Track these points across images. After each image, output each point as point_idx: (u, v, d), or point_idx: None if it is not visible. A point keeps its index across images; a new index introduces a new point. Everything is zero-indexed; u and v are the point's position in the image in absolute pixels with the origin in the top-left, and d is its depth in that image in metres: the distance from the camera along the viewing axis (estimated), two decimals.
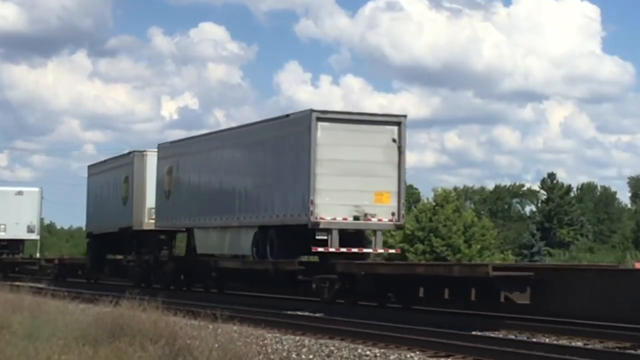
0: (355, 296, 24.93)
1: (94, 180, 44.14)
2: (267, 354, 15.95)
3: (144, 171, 36.70)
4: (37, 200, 55.08)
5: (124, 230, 37.97)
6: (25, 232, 54.53)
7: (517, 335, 18.65)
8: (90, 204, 44.10)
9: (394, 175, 26.10)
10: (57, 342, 15.69)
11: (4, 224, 53.90)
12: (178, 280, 34.97)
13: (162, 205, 34.72)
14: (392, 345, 17.20)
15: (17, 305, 22.79)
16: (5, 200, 54.09)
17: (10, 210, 53.70)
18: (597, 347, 15.99)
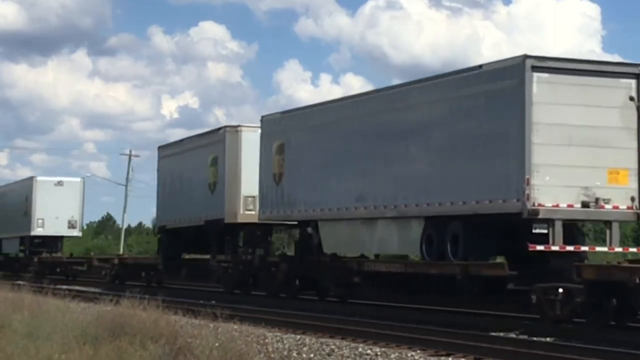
0: (614, 315, 17.95)
1: (167, 164, 37.02)
2: (268, 352, 15.93)
3: (239, 151, 30.68)
4: (79, 192, 48.78)
5: (212, 224, 31.73)
6: (66, 228, 48.23)
7: (517, 334, 18.63)
8: (163, 193, 37.11)
9: (633, 146, 19.95)
10: (58, 341, 15.68)
11: (42, 218, 47.83)
12: (291, 286, 28.21)
13: (269, 192, 28.18)
14: (393, 344, 17.20)
15: (17, 304, 22.78)
16: (44, 192, 48.06)
17: (49, 203, 47.73)
18: (598, 347, 15.96)
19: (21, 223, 49.05)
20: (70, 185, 48.78)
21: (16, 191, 52.41)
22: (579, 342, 16.67)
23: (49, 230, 48.09)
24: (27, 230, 48.36)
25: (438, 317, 21.69)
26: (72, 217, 48.11)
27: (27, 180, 50.46)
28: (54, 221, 47.72)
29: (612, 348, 15.75)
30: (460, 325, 19.56)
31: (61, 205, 47.73)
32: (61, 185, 48.41)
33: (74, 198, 48.26)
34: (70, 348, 14.98)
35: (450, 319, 21.10)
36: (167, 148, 37.62)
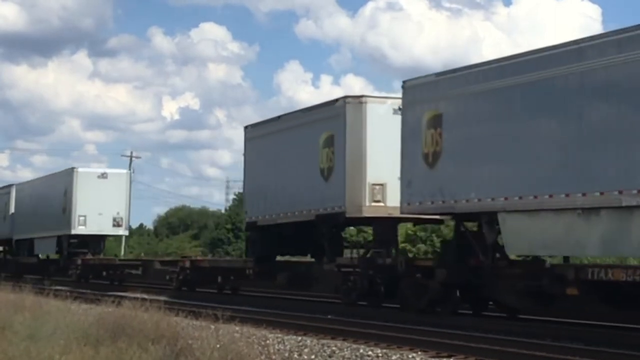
0: None
1: (258, 147, 30.66)
2: (269, 354, 15.92)
3: (363, 127, 25.14)
4: (125, 185, 43.12)
5: (326, 220, 26.13)
6: (111, 226, 42.62)
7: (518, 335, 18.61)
8: (252, 182, 31.06)
9: None
10: (59, 342, 15.69)
11: (84, 215, 42.18)
12: (450, 298, 22.59)
13: (417, 177, 22.26)
14: (394, 345, 17.20)
15: (18, 305, 22.79)
16: (86, 185, 42.50)
17: (91, 197, 42.21)
18: (599, 348, 15.96)
19: (59, 221, 43.67)
20: (115, 177, 43.27)
21: (52, 185, 46.22)
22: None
23: (92, 229, 42.54)
24: (67, 229, 42.71)
25: (438, 318, 21.67)
26: (117, 213, 42.64)
27: (65, 172, 44.44)
28: (97, 218, 42.35)
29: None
30: (462, 327, 19.55)
31: (105, 201, 42.34)
32: (105, 177, 42.84)
33: (119, 192, 42.81)
34: (71, 349, 14.98)
35: (452, 320, 21.09)
36: (258, 127, 31.12)
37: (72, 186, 42.53)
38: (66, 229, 42.77)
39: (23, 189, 51.60)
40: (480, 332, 18.86)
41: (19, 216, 50.49)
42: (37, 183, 50.43)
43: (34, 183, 51.21)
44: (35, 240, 47.85)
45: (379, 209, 24.95)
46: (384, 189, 24.83)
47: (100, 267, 42.34)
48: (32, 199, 49.12)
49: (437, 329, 19.20)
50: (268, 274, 30.03)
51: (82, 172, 43.08)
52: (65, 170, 44.94)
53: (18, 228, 50.33)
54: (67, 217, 42.55)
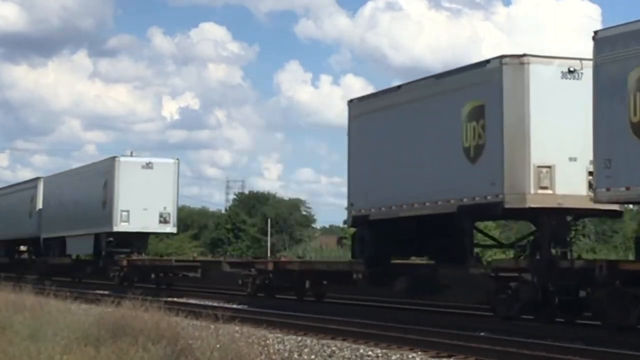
0: None
1: (368, 124, 25.19)
2: (269, 354, 15.93)
3: (525, 95, 20.28)
4: (172, 177, 38.26)
5: (474, 211, 21.42)
6: (157, 223, 37.78)
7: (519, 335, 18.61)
8: (359, 167, 25.49)
9: None
10: (59, 342, 15.69)
11: (127, 210, 37.51)
12: None
13: (623, 154, 17.21)
14: (394, 345, 17.22)
15: (19, 306, 22.80)
16: (129, 176, 37.78)
17: (135, 190, 37.55)
18: (599, 348, 15.96)
19: (98, 217, 39.03)
20: (161, 167, 38.23)
21: (90, 176, 41.40)
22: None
23: (136, 226, 37.74)
24: (108, 226, 37.91)
25: (439, 318, 21.67)
26: (164, 208, 37.71)
27: (105, 162, 39.54)
28: (141, 214, 37.48)
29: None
30: (462, 327, 19.55)
31: (150, 194, 37.56)
32: (150, 167, 37.93)
33: (166, 184, 37.85)
34: (72, 349, 14.99)
35: (452, 320, 21.09)
36: (368, 101, 25.73)
37: (113, 177, 37.73)
38: (107, 226, 37.99)
39: (53, 181, 47.05)
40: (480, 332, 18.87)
41: (48, 212, 45.98)
42: (70, 175, 45.47)
43: (67, 175, 46.23)
44: (67, 238, 43.30)
45: (547, 198, 20.27)
46: (551, 172, 20.29)
47: (148, 269, 37.16)
48: (65, 192, 44.19)
49: (437, 329, 19.18)
50: (382, 279, 25.01)
51: (125, 161, 38.30)
52: (105, 159, 40.12)
53: (47, 225, 45.90)
54: (108, 212, 37.91)
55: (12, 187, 54.93)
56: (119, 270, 37.59)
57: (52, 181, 47.27)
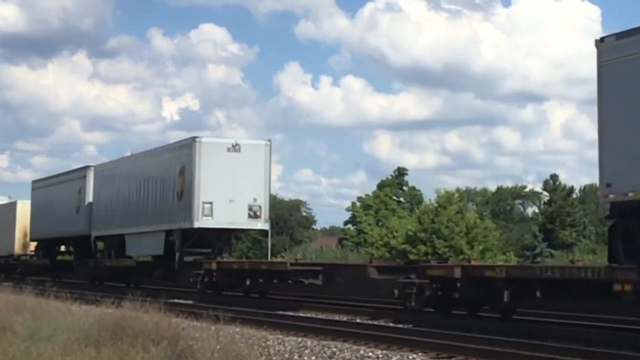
0: None
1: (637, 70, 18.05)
2: (270, 355, 15.95)
3: None
4: (264, 162, 31.46)
5: None
6: (246, 218, 31.29)
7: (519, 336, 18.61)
8: (624, 132, 18.68)
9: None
10: (59, 343, 15.70)
11: (210, 201, 30.90)
12: None
13: None
14: (394, 346, 17.21)
15: (19, 306, 22.80)
16: (213, 161, 31.14)
17: (220, 178, 31.05)
18: (600, 349, 15.95)
19: (171, 210, 32.72)
20: (251, 150, 31.53)
21: (160, 161, 34.50)
22: None
23: (221, 221, 31.17)
24: (185, 221, 31.51)
25: (438, 319, 21.65)
26: (254, 200, 31.24)
27: (183, 144, 32.73)
28: (227, 207, 31.04)
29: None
30: (461, 328, 19.55)
31: (238, 182, 31.23)
32: (237, 150, 31.25)
33: (256, 170, 31.39)
34: (72, 350, 14.99)
35: (453, 321, 21.08)
36: None
37: (193, 163, 31.15)
38: (184, 221, 31.58)
39: (107, 170, 40.33)
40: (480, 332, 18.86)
41: (101, 206, 39.71)
42: (131, 161, 38.54)
43: (127, 162, 39.17)
44: (127, 237, 37.01)
45: None
46: None
47: (244, 273, 29.35)
48: (124, 182, 37.83)
49: (437, 330, 19.19)
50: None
51: (208, 142, 31.49)
52: (181, 141, 33.30)
53: (100, 222, 39.64)
54: (187, 205, 31.40)
55: (53, 179, 47.47)
56: (203, 275, 30.64)
57: (106, 170, 40.42)
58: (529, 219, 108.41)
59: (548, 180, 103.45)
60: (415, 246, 63.57)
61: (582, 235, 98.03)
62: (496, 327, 19.64)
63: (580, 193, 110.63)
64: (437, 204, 66.71)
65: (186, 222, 31.48)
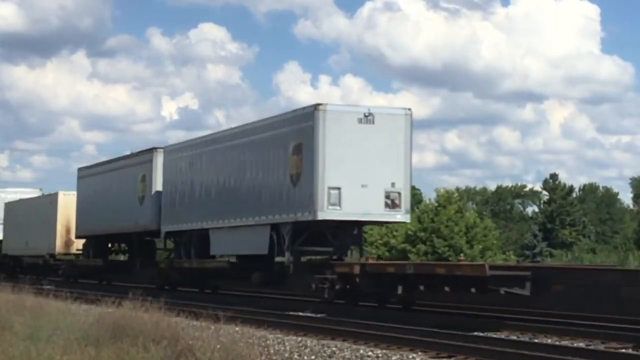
0: None
1: None
2: (270, 354, 15.95)
3: None
4: (403, 136, 24.69)
5: None
6: (382, 207, 24.53)
7: (519, 336, 18.63)
8: None
9: None
10: (59, 343, 15.71)
11: (337, 187, 24.14)
12: None
13: None
14: (394, 345, 17.21)
15: (18, 306, 22.79)
16: (342, 134, 24.33)
17: (350, 157, 24.35)
18: (600, 348, 15.96)
19: (283, 198, 25.77)
20: (388, 121, 24.68)
21: (267, 137, 26.96)
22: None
23: (351, 211, 24.45)
24: (305, 212, 24.72)
25: (439, 319, 21.66)
26: (391, 185, 24.62)
27: (300, 114, 25.38)
28: (359, 193, 24.38)
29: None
30: (462, 327, 19.55)
31: (372, 162, 24.56)
32: (370, 121, 24.46)
33: (395, 147, 24.77)
34: (72, 350, 14.99)
35: (452, 320, 21.08)
36: None
37: (316, 137, 24.29)
38: (303, 211, 24.80)
39: (182, 151, 32.80)
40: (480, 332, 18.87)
41: (174, 196, 32.80)
42: (220, 139, 30.52)
43: (213, 140, 31.06)
44: (213, 232, 30.12)
45: None
46: None
47: (401, 279, 22.34)
48: (209, 165, 30.75)
49: (437, 330, 19.19)
50: None
51: (335, 111, 24.57)
52: (298, 110, 25.87)
53: (172, 215, 32.80)
54: (307, 192, 24.64)
55: (107, 165, 40.17)
56: (332, 281, 24.08)
57: (180, 151, 32.96)
58: (528, 219, 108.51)
59: (547, 179, 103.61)
60: (415, 245, 63.60)
61: (581, 234, 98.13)
62: (497, 327, 19.63)
63: (580, 192, 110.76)
64: (437, 204, 66.75)
65: (305, 213, 24.68)
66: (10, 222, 50.93)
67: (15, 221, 49.95)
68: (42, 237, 45.31)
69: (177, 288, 33.15)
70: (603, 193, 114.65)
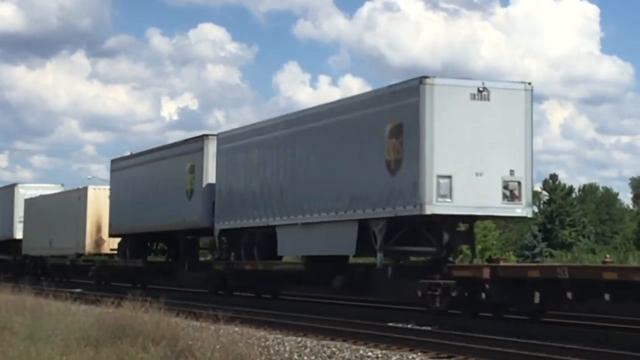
0: None
1: None
2: (269, 355, 15.94)
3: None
4: (523, 115, 21.40)
5: None
6: (499, 199, 21.17)
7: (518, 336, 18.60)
8: None
9: None
10: (59, 343, 15.70)
11: (448, 175, 20.78)
12: None
13: None
14: (394, 346, 17.20)
15: (18, 306, 22.79)
16: (451, 112, 20.93)
17: (462, 140, 21.00)
18: (599, 349, 15.94)
19: (377, 188, 22.10)
20: (505, 98, 21.25)
21: (356, 117, 23.29)
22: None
23: (464, 204, 20.94)
24: (409, 205, 21.11)
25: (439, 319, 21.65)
26: (510, 173, 21.18)
27: (400, 89, 21.97)
28: (473, 183, 20.94)
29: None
30: (461, 328, 19.55)
31: (488, 146, 21.13)
32: (486, 98, 21.00)
33: (513, 128, 21.36)
34: (71, 350, 15.00)
35: (452, 321, 21.07)
36: None
37: (422, 116, 20.87)
38: (406, 205, 21.21)
39: (240, 137, 28.96)
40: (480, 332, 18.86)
41: (231, 189, 29.08)
42: (290, 122, 26.62)
43: (279, 124, 27.21)
44: (281, 230, 26.49)
45: None
46: None
47: (540, 285, 18.81)
48: (274, 153, 26.93)
49: (437, 330, 19.19)
50: None
51: (444, 85, 21.08)
52: (397, 85, 22.43)
53: (228, 210, 29.06)
54: (408, 180, 21.13)
55: (147, 155, 36.63)
56: (445, 288, 20.59)
57: (238, 138, 29.06)
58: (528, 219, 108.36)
59: (547, 179, 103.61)
60: None
61: (581, 234, 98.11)
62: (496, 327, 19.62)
63: (580, 192, 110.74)
64: None
65: (408, 206, 21.13)
66: (32, 220, 47.11)
67: (38, 219, 46.20)
68: (69, 236, 42.03)
69: (234, 293, 30.06)
70: (603, 193, 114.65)
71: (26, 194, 49.40)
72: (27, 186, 51.42)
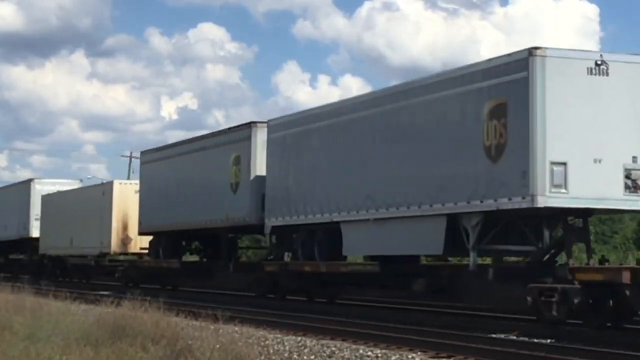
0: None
1: None
2: (269, 354, 15.94)
3: None
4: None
5: None
6: (621, 190, 18.28)
7: (518, 335, 18.62)
8: None
9: None
10: (58, 343, 15.70)
11: (563, 162, 18.09)
12: None
13: None
14: (394, 345, 17.19)
15: (18, 306, 22.79)
16: (566, 89, 18.17)
17: (578, 119, 18.18)
18: (597, 348, 15.94)
19: (470, 177, 19.58)
20: (626, 72, 18.51)
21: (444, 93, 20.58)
22: (578, 344, 15.65)
23: (581, 196, 18.30)
24: (515, 196, 18.48)
25: (439, 319, 21.68)
26: (632, 160, 18.45)
27: (500, 63, 19.32)
28: (591, 171, 18.29)
29: (611, 349, 15.34)
30: (461, 327, 19.56)
31: (605, 129, 18.46)
32: (604, 72, 18.45)
33: (636, 110, 18.55)
34: (71, 350, 14.99)
35: (452, 320, 21.10)
36: None
37: (530, 92, 18.19)
38: (511, 196, 18.53)
39: (294, 124, 26.44)
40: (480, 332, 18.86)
41: (284, 182, 26.47)
42: (356, 105, 24.06)
43: (343, 108, 24.70)
44: (346, 226, 23.96)
45: None
46: None
47: None
48: (339, 141, 24.40)
49: (437, 330, 19.18)
50: None
51: (557, 57, 18.46)
52: (502, 57, 19.48)
53: (281, 204, 26.49)
54: (514, 168, 18.47)
55: (183, 145, 33.60)
56: (565, 294, 17.94)
57: (290, 125, 26.55)
58: None
59: None
60: None
61: None
62: (496, 327, 19.63)
63: None
64: None
65: (514, 198, 18.41)
66: (50, 218, 44.49)
67: (56, 216, 43.68)
68: (93, 234, 39.45)
69: (287, 297, 27.70)
70: None
71: (43, 190, 46.91)
72: (43, 182, 48.71)
